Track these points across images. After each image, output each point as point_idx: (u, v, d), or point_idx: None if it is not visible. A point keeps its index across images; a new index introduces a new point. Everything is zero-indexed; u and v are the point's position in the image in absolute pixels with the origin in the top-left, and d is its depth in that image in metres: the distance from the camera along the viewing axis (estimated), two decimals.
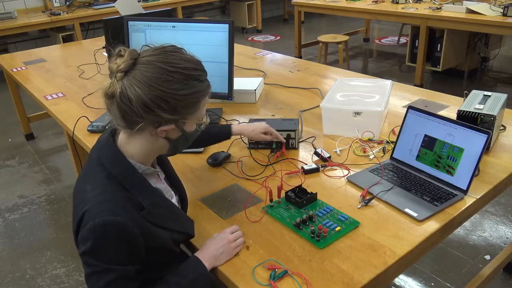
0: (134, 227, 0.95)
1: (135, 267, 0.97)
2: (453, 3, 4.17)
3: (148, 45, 1.01)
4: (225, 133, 1.51)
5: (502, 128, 1.70)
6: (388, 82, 1.90)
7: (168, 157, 1.25)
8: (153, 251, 1.02)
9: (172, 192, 1.19)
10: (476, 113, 1.49)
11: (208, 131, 1.29)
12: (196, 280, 1.05)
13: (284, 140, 1.56)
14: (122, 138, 1.04)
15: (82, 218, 0.94)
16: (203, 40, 1.86)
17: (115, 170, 0.99)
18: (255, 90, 2.12)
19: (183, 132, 1.03)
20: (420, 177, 1.39)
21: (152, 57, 0.96)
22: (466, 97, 1.64)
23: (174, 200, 1.19)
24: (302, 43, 5.66)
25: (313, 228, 1.16)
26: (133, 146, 1.03)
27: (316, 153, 1.58)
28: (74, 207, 1.00)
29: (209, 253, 1.10)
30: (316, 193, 1.31)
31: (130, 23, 1.94)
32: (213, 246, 1.11)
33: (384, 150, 1.58)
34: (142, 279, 1.01)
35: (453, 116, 1.63)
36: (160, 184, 1.15)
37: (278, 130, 1.60)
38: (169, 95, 0.94)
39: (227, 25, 1.84)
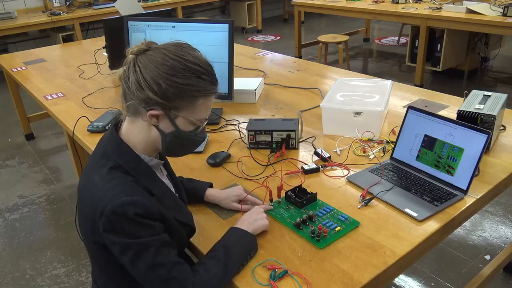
0: (151, 205, 0.97)
1: (165, 235, 0.99)
2: (453, 3, 4.17)
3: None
4: (198, 193, 1.35)
5: (502, 128, 1.70)
6: (388, 82, 1.90)
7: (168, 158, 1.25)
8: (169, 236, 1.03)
9: (174, 189, 1.20)
10: (476, 113, 1.49)
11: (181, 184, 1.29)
12: (240, 238, 1.10)
13: (261, 203, 1.31)
14: (124, 127, 1.06)
15: (97, 209, 0.95)
16: (203, 40, 1.86)
17: (121, 160, 1.01)
18: (255, 90, 2.12)
19: (175, 127, 1.01)
20: (420, 177, 1.39)
21: (163, 45, 1.01)
22: (466, 97, 1.64)
23: None
24: (302, 43, 5.66)
25: (313, 228, 1.16)
26: (133, 134, 1.04)
27: (316, 153, 1.58)
28: (85, 202, 1.01)
29: (244, 221, 1.16)
30: (316, 193, 1.31)
31: (130, 23, 1.94)
32: (246, 216, 1.18)
33: (384, 150, 1.58)
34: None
35: (453, 116, 1.63)
36: (164, 179, 1.16)
37: (278, 130, 1.60)
38: (162, 77, 0.96)
39: (227, 25, 1.84)
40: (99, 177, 0.99)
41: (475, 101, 1.57)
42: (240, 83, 2.20)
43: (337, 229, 1.18)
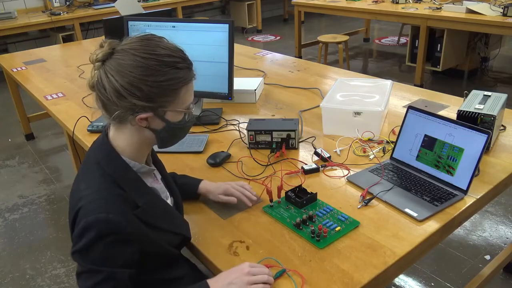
0: (126, 226, 0.93)
1: (126, 270, 0.94)
2: (453, 3, 4.17)
3: (131, 36, 1.00)
4: (191, 189, 1.34)
5: (502, 128, 1.70)
6: (388, 82, 1.90)
7: (167, 153, 1.23)
8: (149, 255, 1.00)
9: (168, 193, 1.19)
10: (476, 113, 1.49)
11: (174, 180, 1.29)
12: None
13: (249, 204, 1.30)
14: (111, 133, 1.03)
15: (77, 216, 0.93)
16: (203, 40, 1.86)
17: (109, 169, 0.98)
18: (255, 90, 2.12)
19: (166, 122, 1.00)
20: (420, 177, 1.39)
21: (127, 45, 0.96)
22: (466, 97, 1.64)
23: (170, 201, 1.18)
24: (302, 43, 5.66)
25: (313, 228, 1.16)
26: (121, 139, 1.01)
27: (316, 153, 1.58)
28: (70, 206, 1.00)
29: (219, 281, 1.00)
30: (316, 193, 1.31)
31: (130, 23, 1.94)
32: (225, 275, 1.02)
33: (384, 150, 1.58)
34: (142, 281, 1.01)
35: (453, 116, 1.63)
36: (157, 184, 1.14)
37: (278, 130, 1.60)
38: (140, 81, 0.92)
39: (227, 25, 1.84)
40: (85, 185, 0.97)
41: (475, 101, 1.57)
42: (240, 83, 2.20)
43: (337, 229, 1.18)
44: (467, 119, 1.49)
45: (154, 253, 1.03)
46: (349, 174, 1.45)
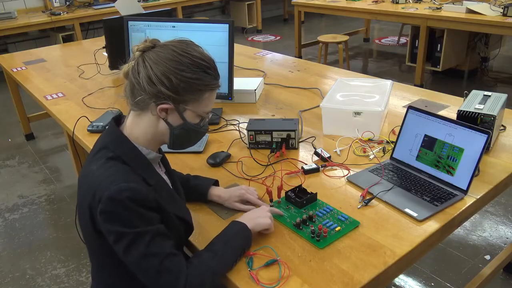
0: (148, 194, 0.98)
1: (161, 225, 1.00)
2: (453, 3, 4.17)
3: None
4: (202, 192, 1.34)
5: (502, 128, 1.70)
6: (388, 82, 1.90)
7: (167, 153, 1.25)
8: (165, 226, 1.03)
9: (170, 186, 1.20)
10: (476, 113, 1.49)
11: (187, 181, 1.33)
12: (238, 233, 1.09)
13: (264, 205, 1.29)
14: (129, 120, 1.08)
15: (94, 197, 0.96)
16: (203, 40, 1.85)
17: (119, 151, 1.03)
18: (255, 90, 2.12)
19: (183, 120, 1.05)
20: (420, 177, 1.39)
21: (168, 42, 1.05)
22: (466, 97, 1.64)
23: None
24: (302, 43, 5.66)
25: (313, 228, 1.16)
26: (138, 127, 1.06)
27: (316, 153, 1.58)
28: (83, 191, 1.02)
29: (245, 216, 1.15)
30: (316, 193, 1.31)
31: (130, 23, 1.94)
32: (249, 212, 1.18)
33: (384, 150, 1.58)
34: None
35: (453, 116, 1.63)
36: (162, 174, 1.17)
37: (278, 130, 1.60)
38: (172, 72, 0.99)
39: (227, 25, 1.84)
40: (96, 166, 1.01)
41: (475, 101, 1.57)
42: (240, 83, 2.20)
43: (337, 229, 1.18)
44: (467, 119, 1.49)
45: (168, 227, 1.05)
46: (349, 174, 1.45)
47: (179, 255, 1.00)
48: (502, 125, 1.70)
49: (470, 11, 3.90)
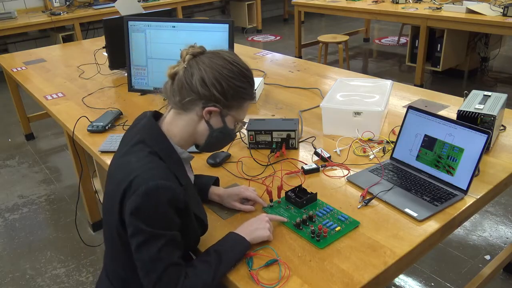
0: (181, 195, 1.01)
1: (178, 233, 1.02)
2: (453, 3, 4.17)
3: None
4: (202, 190, 1.35)
5: (502, 128, 1.70)
6: (388, 82, 1.90)
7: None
8: (182, 227, 1.05)
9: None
10: (476, 113, 1.49)
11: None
12: (234, 245, 1.10)
13: (265, 204, 1.31)
14: (168, 118, 1.12)
15: (131, 185, 0.98)
16: (203, 40, 1.85)
17: (157, 147, 1.06)
18: (255, 90, 2.12)
19: (223, 124, 1.10)
20: (420, 177, 1.39)
21: (219, 51, 1.11)
22: (466, 97, 1.64)
23: None
24: (302, 43, 5.66)
25: (313, 228, 1.16)
26: (177, 125, 1.10)
27: (316, 153, 1.58)
28: (117, 178, 1.04)
29: (243, 228, 1.16)
30: (316, 193, 1.31)
31: (130, 23, 1.94)
32: (247, 223, 1.17)
33: (384, 150, 1.58)
34: None
35: (453, 116, 1.63)
36: (191, 174, 1.20)
37: (278, 130, 1.60)
38: (224, 78, 1.06)
39: (227, 25, 1.84)
40: (136, 158, 1.03)
41: (475, 101, 1.57)
42: None
43: (337, 229, 1.18)
44: (467, 119, 1.49)
45: (186, 227, 1.07)
46: (349, 174, 1.45)
47: (182, 266, 1.01)
48: (502, 125, 1.70)
49: (470, 11, 3.90)
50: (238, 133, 1.22)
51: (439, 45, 4.25)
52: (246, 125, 1.19)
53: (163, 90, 1.12)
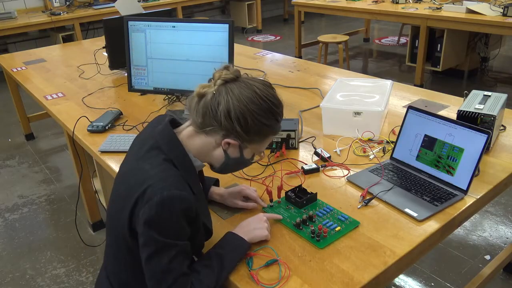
0: (194, 205, 1.00)
1: (188, 242, 1.02)
2: (453, 3, 4.17)
3: (253, 77, 1.10)
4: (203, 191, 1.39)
5: (502, 128, 1.70)
6: (388, 82, 1.90)
7: None
8: (190, 235, 1.04)
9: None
10: (476, 113, 1.49)
11: None
12: (235, 247, 1.10)
13: (265, 205, 1.31)
14: (186, 132, 1.10)
15: (144, 194, 0.97)
16: (203, 40, 1.86)
17: (172, 154, 1.05)
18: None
19: (240, 155, 1.09)
20: (420, 177, 1.39)
21: (251, 81, 1.06)
22: (466, 97, 1.64)
23: None
24: (302, 43, 5.66)
25: (313, 228, 1.16)
26: (194, 142, 1.09)
27: (316, 153, 1.58)
28: (128, 185, 1.03)
29: (241, 227, 1.15)
30: (316, 193, 1.31)
31: (130, 23, 1.94)
32: (246, 222, 1.16)
33: (384, 150, 1.58)
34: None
35: (453, 116, 1.63)
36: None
37: None
38: (250, 114, 1.02)
39: (227, 25, 1.84)
40: (151, 165, 1.02)
41: (475, 101, 1.57)
42: None
43: (337, 229, 1.18)
44: (467, 119, 1.49)
45: (194, 234, 1.07)
46: (349, 174, 1.45)
47: (191, 275, 1.01)
48: (502, 125, 1.70)
49: (470, 11, 3.90)
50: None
51: (439, 45, 4.25)
52: (263, 156, 1.17)
53: (187, 103, 1.10)
